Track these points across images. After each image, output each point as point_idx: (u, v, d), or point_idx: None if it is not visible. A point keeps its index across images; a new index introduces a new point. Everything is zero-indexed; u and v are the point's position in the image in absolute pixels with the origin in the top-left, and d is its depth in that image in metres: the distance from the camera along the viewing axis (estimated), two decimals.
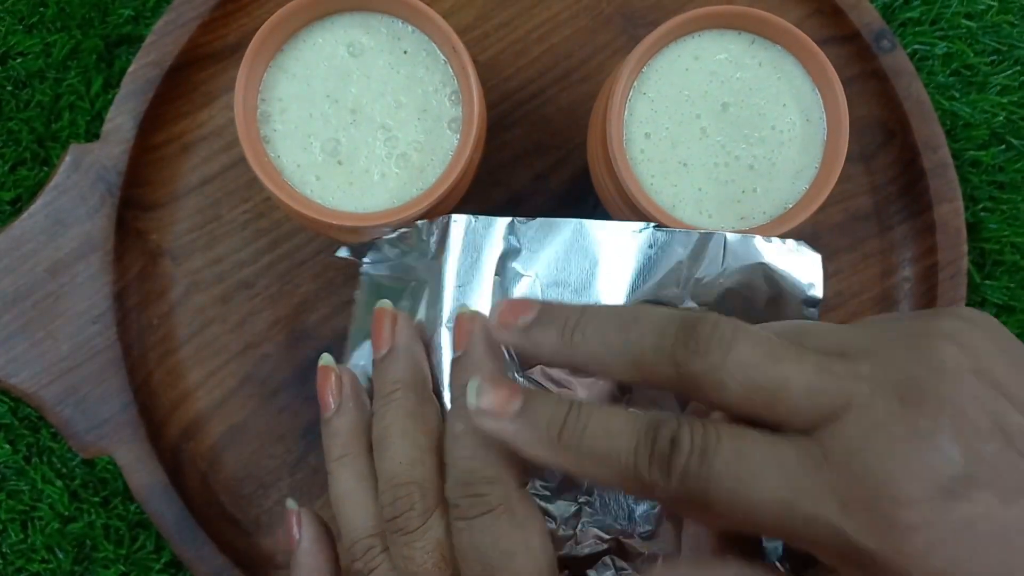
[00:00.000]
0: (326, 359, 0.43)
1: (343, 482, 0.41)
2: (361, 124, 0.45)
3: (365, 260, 0.46)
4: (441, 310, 0.42)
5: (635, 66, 0.44)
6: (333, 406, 0.42)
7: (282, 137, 0.45)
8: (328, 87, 0.45)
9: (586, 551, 0.43)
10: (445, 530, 0.39)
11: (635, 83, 0.45)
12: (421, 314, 0.43)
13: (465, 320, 0.41)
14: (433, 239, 0.44)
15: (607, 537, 0.42)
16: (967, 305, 0.55)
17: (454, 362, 0.41)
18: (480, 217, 0.43)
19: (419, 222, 0.44)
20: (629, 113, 0.45)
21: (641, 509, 0.42)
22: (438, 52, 0.45)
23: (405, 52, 0.45)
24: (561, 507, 0.43)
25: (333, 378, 0.42)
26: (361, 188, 0.45)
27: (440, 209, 0.47)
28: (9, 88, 0.56)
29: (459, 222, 0.43)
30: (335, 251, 0.46)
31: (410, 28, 0.45)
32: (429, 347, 0.43)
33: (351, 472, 0.41)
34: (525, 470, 0.39)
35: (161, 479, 0.52)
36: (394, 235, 0.45)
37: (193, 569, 0.52)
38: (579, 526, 0.43)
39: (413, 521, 0.39)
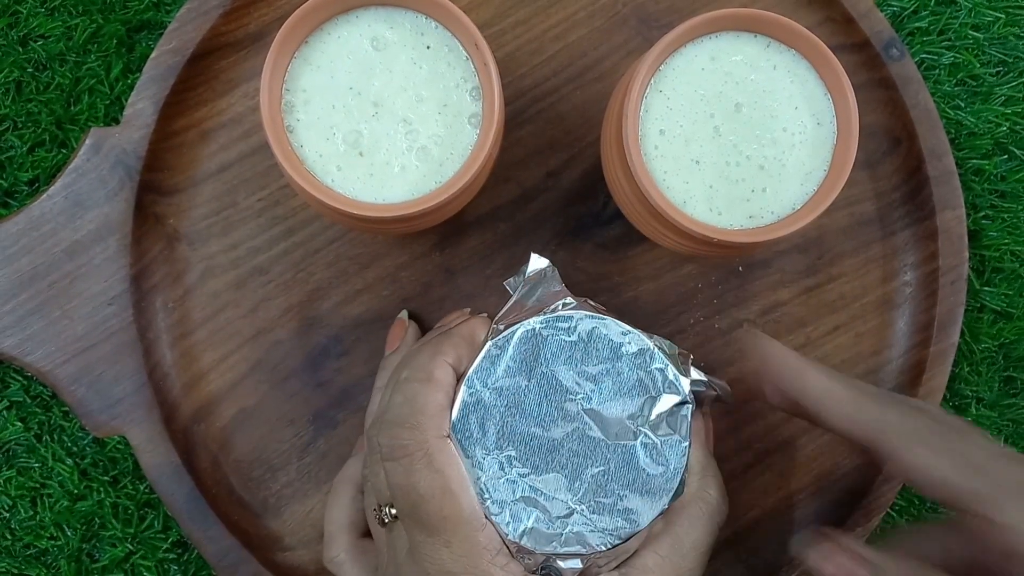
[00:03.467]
0: (404, 314, 0.54)
1: (372, 405, 0.50)
2: (383, 117, 0.46)
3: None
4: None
5: (653, 63, 0.45)
6: (392, 348, 0.52)
7: (305, 127, 0.45)
8: (351, 80, 0.46)
9: (566, 550, 0.44)
10: None
11: (652, 80, 0.46)
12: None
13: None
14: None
15: (586, 552, 0.44)
16: (966, 311, 0.57)
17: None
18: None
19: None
20: (645, 110, 0.46)
21: (628, 531, 0.44)
22: (460, 48, 0.46)
23: (428, 47, 0.46)
24: (556, 505, 0.44)
25: (400, 326, 0.53)
26: (381, 180, 0.46)
27: (457, 203, 0.48)
28: (29, 70, 0.57)
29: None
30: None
31: (433, 24, 0.46)
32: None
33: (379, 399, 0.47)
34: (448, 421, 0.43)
35: (172, 459, 0.53)
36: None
37: (201, 549, 0.53)
38: (568, 527, 0.44)
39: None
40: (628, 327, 0.44)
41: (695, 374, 0.45)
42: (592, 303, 0.47)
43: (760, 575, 0.55)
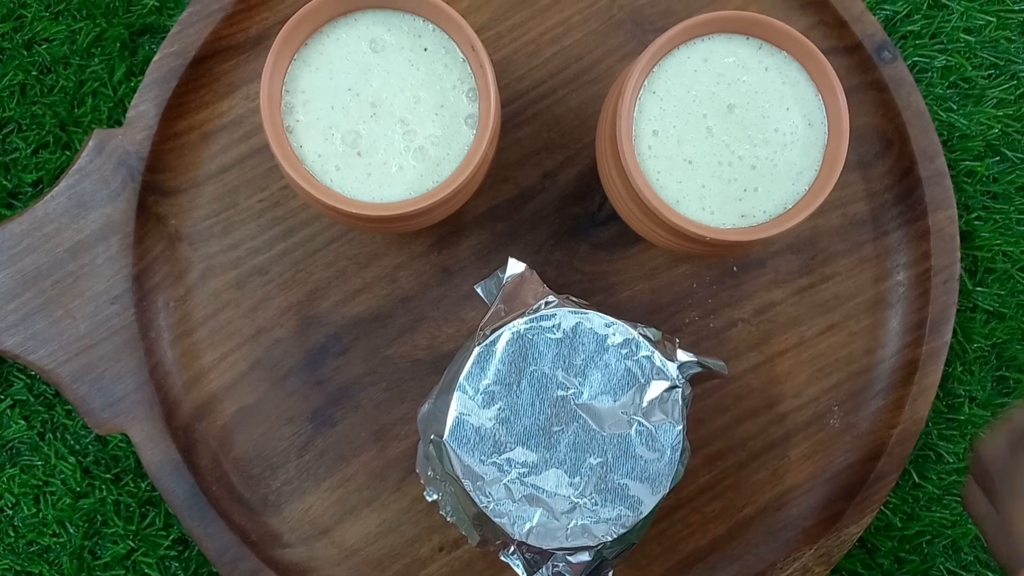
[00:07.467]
0: None
1: None
2: (381, 118, 0.46)
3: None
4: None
5: (646, 65, 0.46)
6: None
7: (304, 127, 0.46)
8: (350, 81, 0.46)
9: (573, 543, 0.44)
10: None
11: (645, 82, 0.47)
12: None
13: None
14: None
15: (593, 544, 0.44)
16: (959, 311, 0.57)
17: None
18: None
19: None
20: (639, 110, 0.47)
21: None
22: (457, 50, 0.47)
23: (425, 49, 0.47)
24: (559, 501, 0.44)
25: None
26: (379, 179, 0.46)
27: (454, 202, 0.48)
28: (34, 73, 0.58)
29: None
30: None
31: (431, 26, 0.47)
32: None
33: None
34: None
35: (173, 456, 0.53)
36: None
37: (202, 545, 0.53)
38: (572, 521, 0.44)
39: None
40: (611, 318, 0.45)
41: (683, 356, 0.46)
42: (574, 299, 0.48)
43: (754, 572, 0.55)
